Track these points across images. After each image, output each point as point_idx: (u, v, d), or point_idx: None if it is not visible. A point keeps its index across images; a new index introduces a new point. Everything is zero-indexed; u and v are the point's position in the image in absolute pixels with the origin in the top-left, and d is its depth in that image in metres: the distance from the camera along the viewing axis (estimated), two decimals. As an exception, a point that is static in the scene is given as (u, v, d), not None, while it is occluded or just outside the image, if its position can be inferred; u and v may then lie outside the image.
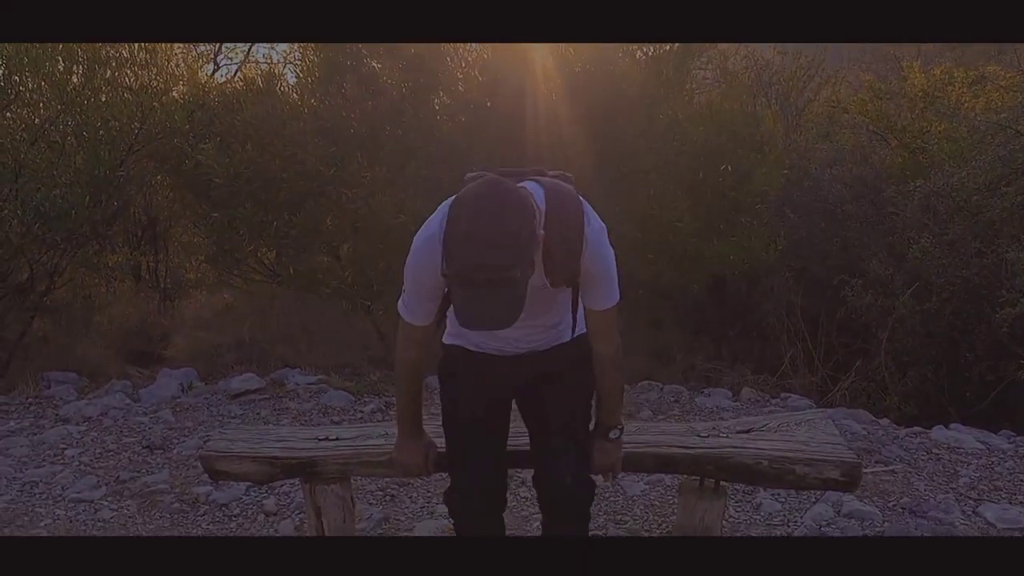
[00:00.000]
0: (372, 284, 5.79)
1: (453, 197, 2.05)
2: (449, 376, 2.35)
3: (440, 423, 2.33)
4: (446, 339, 2.41)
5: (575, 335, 2.35)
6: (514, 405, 2.39)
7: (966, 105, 7.58)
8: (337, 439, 2.49)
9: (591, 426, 2.34)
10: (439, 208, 2.14)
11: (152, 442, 4.14)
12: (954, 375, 5.88)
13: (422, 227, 2.15)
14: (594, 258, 2.12)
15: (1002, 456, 3.96)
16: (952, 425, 4.66)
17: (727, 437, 2.48)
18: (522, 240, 1.82)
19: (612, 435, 2.30)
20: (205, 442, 2.81)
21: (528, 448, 2.33)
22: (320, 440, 2.49)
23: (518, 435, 2.35)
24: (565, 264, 2.10)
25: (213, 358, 6.39)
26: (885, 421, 4.81)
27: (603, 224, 2.16)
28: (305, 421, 4.51)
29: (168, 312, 7.70)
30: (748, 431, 2.53)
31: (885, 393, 5.71)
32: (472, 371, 2.31)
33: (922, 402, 5.82)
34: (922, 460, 3.92)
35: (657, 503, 3.50)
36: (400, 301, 2.25)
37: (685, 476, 2.52)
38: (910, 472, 3.76)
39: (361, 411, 4.66)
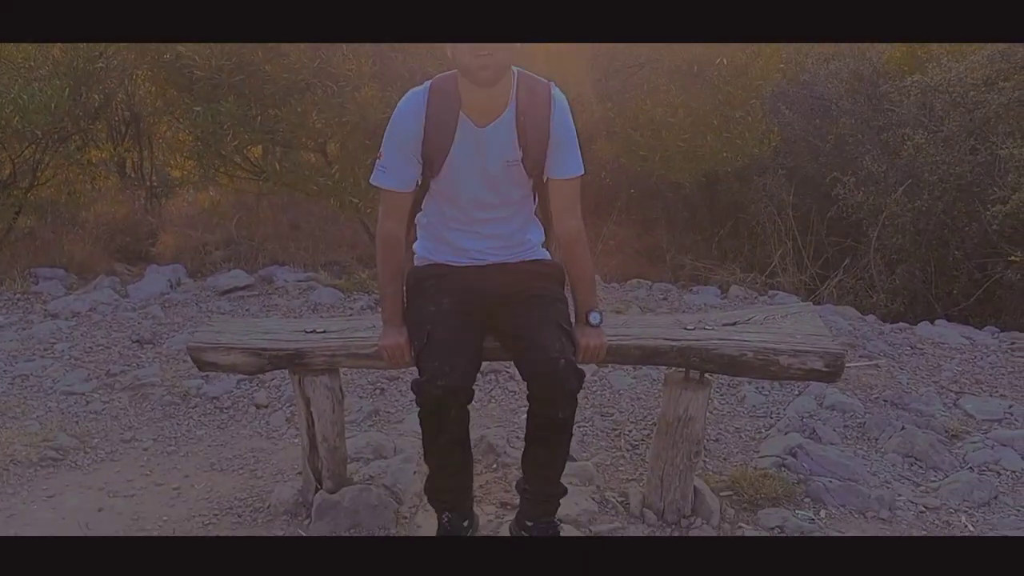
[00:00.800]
0: (360, 181, 5.71)
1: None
2: (418, 285, 2.41)
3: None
4: (416, 261, 2.48)
5: (540, 257, 2.47)
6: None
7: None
8: (325, 331, 2.49)
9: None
10: None
11: (141, 337, 4.15)
12: (942, 273, 5.92)
13: None
14: (561, 123, 2.27)
15: (985, 351, 4.02)
16: (937, 321, 4.71)
17: (713, 329, 2.49)
18: None
19: (593, 319, 2.35)
20: (193, 334, 2.82)
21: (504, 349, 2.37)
22: (308, 332, 2.49)
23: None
24: (536, 126, 2.24)
25: (201, 255, 6.36)
26: (871, 317, 4.86)
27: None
28: (295, 317, 4.52)
29: (155, 209, 7.63)
30: (734, 324, 2.54)
31: (872, 291, 5.75)
32: (442, 280, 2.37)
33: (909, 299, 5.87)
34: (906, 355, 3.97)
35: (643, 396, 3.55)
36: (375, 171, 2.33)
37: (670, 368, 2.53)
38: (893, 366, 3.81)
39: (350, 308, 4.67)
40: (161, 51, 5.70)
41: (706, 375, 2.49)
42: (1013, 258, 4.95)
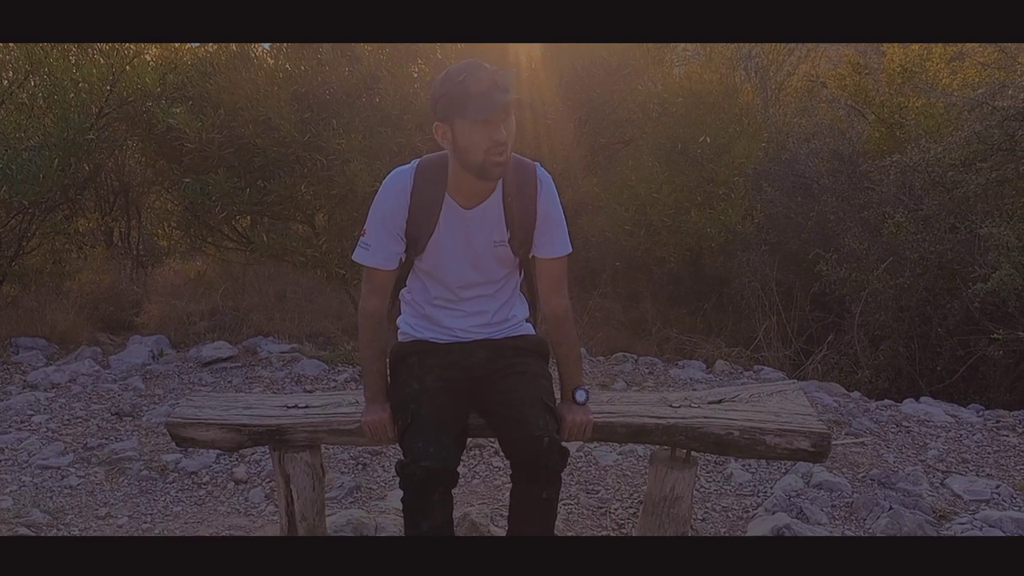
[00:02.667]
0: (347, 253, 5.74)
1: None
2: (402, 361, 2.39)
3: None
4: (400, 337, 2.49)
5: (524, 333, 2.48)
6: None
7: (944, 81, 7.59)
8: (307, 407, 2.46)
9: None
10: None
11: (121, 409, 4.09)
12: (925, 349, 5.94)
13: None
14: (548, 203, 2.30)
15: (970, 429, 4.01)
16: (922, 399, 4.71)
17: (699, 407, 2.48)
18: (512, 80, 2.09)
19: (579, 397, 2.35)
20: (173, 408, 2.78)
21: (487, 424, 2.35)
22: (289, 408, 2.46)
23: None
24: (523, 208, 2.26)
25: (185, 326, 6.32)
26: (856, 394, 4.85)
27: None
28: (277, 389, 4.48)
29: (140, 279, 7.61)
30: (720, 401, 2.53)
31: (857, 367, 5.76)
32: (426, 356, 2.37)
33: (893, 376, 5.87)
34: (892, 432, 3.96)
35: (629, 473, 3.51)
36: (358, 248, 2.33)
37: (656, 446, 2.51)
38: (880, 444, 3.80)
39: (334, 380, 4.64)
40: (153, 124, 5.77)
41: (692, 453, 2.47)
42: (996, 335, 4.98)
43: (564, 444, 2.22)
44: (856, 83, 7.71)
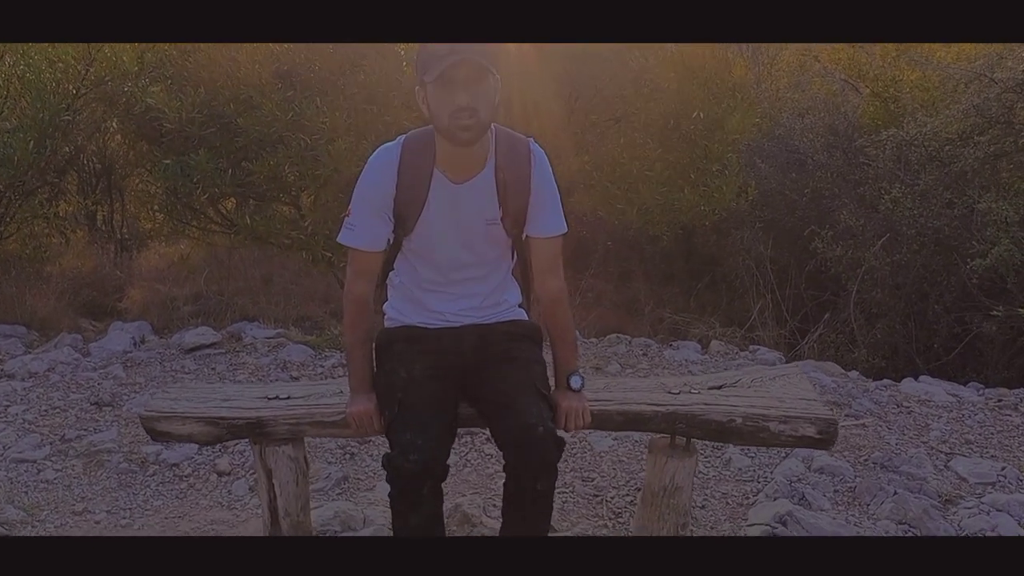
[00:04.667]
0: (333, 235, 5.60)
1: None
2: (388, 348, 2.28)
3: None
4: (386, 323, 2.37)
5: (517, 318, 2.36)
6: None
7: (938, 54, 7.47)
8: (288, 398, 2.35)
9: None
10: None
11: (101, 399, 3.96)
12: (922, 327, 5.85)
13: None
14: (542, 180, 2.19)
15: (972, 409, 3.92)
16: (921, 377, 4.62)
17: (698, 393, 2.37)
18: (497, 54, 2.01)
19: (574, 383, 2.24)
20: (149, 399, 2.66)
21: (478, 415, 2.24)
22: (270, 399, 2.34)
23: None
24: (516, 184, 2.15)
25: (169, 311, 6.18)
26: (854, 373, 4.77)
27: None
28: (262, 376, 4.36)
29: (123, 263, 7.46)
30: (720, 387, 2.43)
31: (853, 345, 5.67)
32: (414, 343, 2.25)
33: (889, 354, 5.79)
34: (892, 413, 3.87)
35: (625, 459, 3.41)
36: (343, 230, 2.22)
37: (655, 434, 2.41)
38: (881, 426, 3.71)
39: (321, 366, 4.52)
40: (131, 104, 5.61)
41: (692, 441, 2.37)
42: (995, 312, 4.89)
43: (560, 433, 2.12)
44: (850, 56, 7.59)
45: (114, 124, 6.74)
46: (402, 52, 6.07)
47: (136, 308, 6.46)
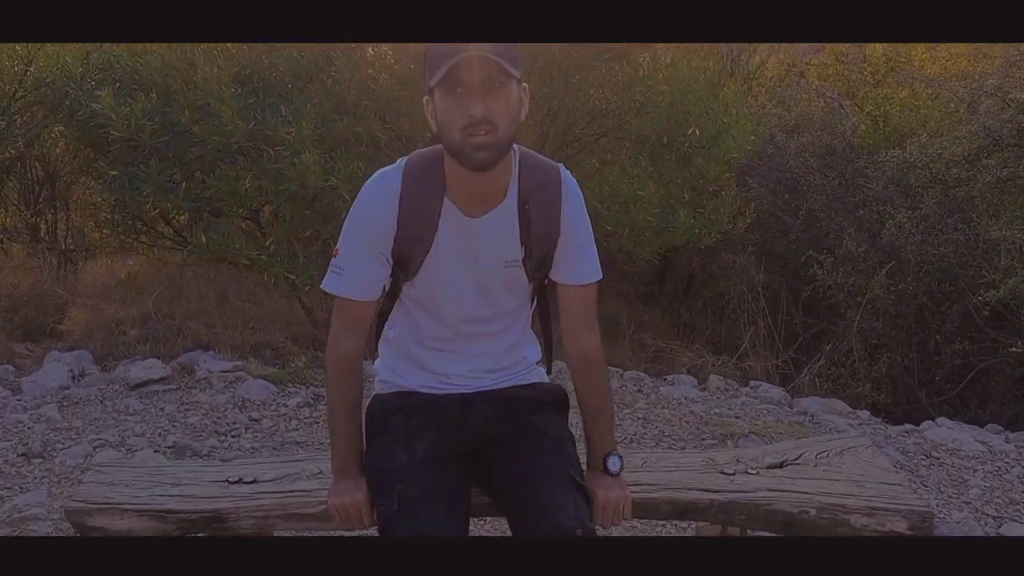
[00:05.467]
0: (298, 255, 5.13)
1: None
2: (382, 420, 1.86)
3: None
4: (378, 386, 1.95)
5: (537, 380, 1.97)
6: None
7: (927, 70, 7.23)
8: (254, 481, 1.89)
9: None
10: None
11: (30, 448, 3.44)
12: (923, 358, 5.55)
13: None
14: (575, 215, 1.82)
15: (1007, 461, 3.59)
16: (939, 420, 4.29)
17: (757, 474, 1.97)
18: (520, 54, 1.64)
19: (612, 466, 1.82)
20: (81, 472, 2.18)
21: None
22: (231, 483, 1.88)
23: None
24: (544, 219, 1.77)
25: (114, 335, 5.64)
26: (865, 413, 4.44)
27: None
28: (217, 417, 3.87)
29: (67, 279, 6.88)
30: (781, 464, 2.03)
31: (854, 378, 5.34)
32: (414, 415, 1.83)
33: (890, 387, 5.47)
34: (923, 466, 3.52)
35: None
36: (330, 274, 1.78)
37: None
38: (915, 481, 3.35)
39: (285, 405, 4.04)
40: (74, 109, 5.09)
41: (749, 532, 1.96)
42: (1014, 348, 4.58)
43: (598, 530, 1.71)
44: (838, 72, 7.32)
45: (56, 130, 6.23)
46: (372, 54, 5.65)
47: (78, 330, 5.91)
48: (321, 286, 1.79)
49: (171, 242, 6.12)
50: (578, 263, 1.83)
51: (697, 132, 5.12)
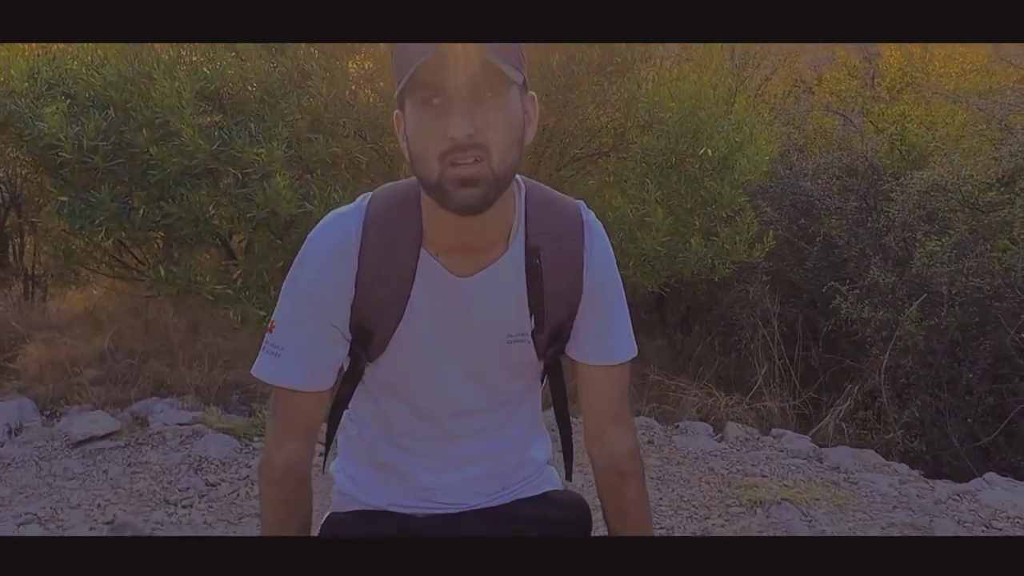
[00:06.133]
0: (269, 287, 4.64)
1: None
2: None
3: None
4: (335, 499, 1.46)
5: (549, 489, 1.50)
6: None
7: (945, 86, 6.82)
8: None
9: None
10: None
11: (-58, 526, 2.92)
12: (954, 397, 5.09)
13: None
14: (602, 269, 1.35)
15: (1080, 530, 3.11)
16: (988, 477, 3.81)
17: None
18: (520, 50, 1.19)
19: None
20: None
21: None
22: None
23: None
24: (560, 276, 1.30)
25: (67, 376, 5.13)
26: (903, 467, 3.97)
27: None
28: (168, 482, 3.36)
29: (31, 310, 6.37)
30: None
31: (883, 422, 4.86)
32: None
33: (920, 430, 5.00)
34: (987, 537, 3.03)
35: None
36: (263, 355, 1.30)
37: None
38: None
39: (247, 466, 3.53)
40: (21, 128, 4.59)
41: None
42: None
43: None
44: (852, 89, 6.89)
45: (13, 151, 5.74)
46: (352, 69, 5.19)
47: (32, 368, 5.40)
48: (252, 371, 1.30)
49: (134, 272, 5.62)
50: (607, 335, 1.36)
51: (709, 152, 4.66)
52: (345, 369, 1.35)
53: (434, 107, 1.10)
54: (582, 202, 1.38)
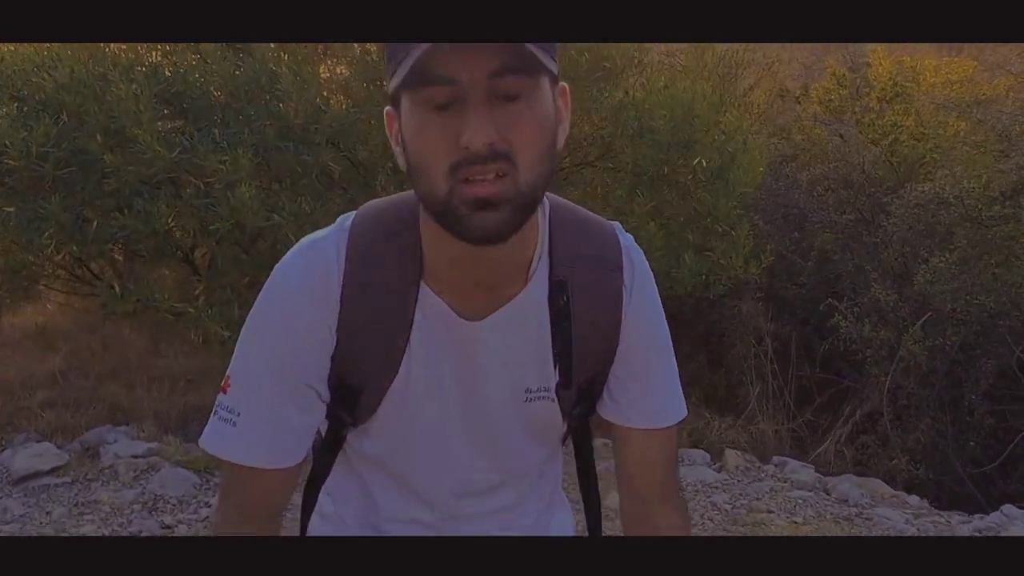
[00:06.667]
0: (233, 304, 4.32)
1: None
2: None
3: None
4: None
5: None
6: None
7: (938, 94, 6.65)
8: None
9: None
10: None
11: None
12: (956, 420, 4.88)
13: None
14: (648, 309, 1.09)
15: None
16: (1006, 509, 3.59)
17: None
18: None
19: None
20: None
21: None
22: None
23: None
24: (592, 319, 1.03)
25: (15, 400, 4.77)
26: (914, 499, 3.73)
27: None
28: (119, 525, 3.03)
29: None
30: None
31: (886, 447, 4.64)
32: None
33: (922, 455, 4.78)
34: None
35: None
36: (214, 421, 1.01)
37: None
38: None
39: (206, 504, 3.21)
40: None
41: None
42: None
43: None
44: (842, 98, 6.70)
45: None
46: (325, 73, 4.91)
47: (-21, 393, 5.03)
48: (201, 443, 1.01)
49: (89, 287, 5.27)
50: (651, 391, 1.08)
51: (704, 163, 4.41)
52: (322, 435, 1.07)
53: (442, 104, 0.82)
54: (618, 224, 1.10)
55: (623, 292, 1.04)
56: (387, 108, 0.92)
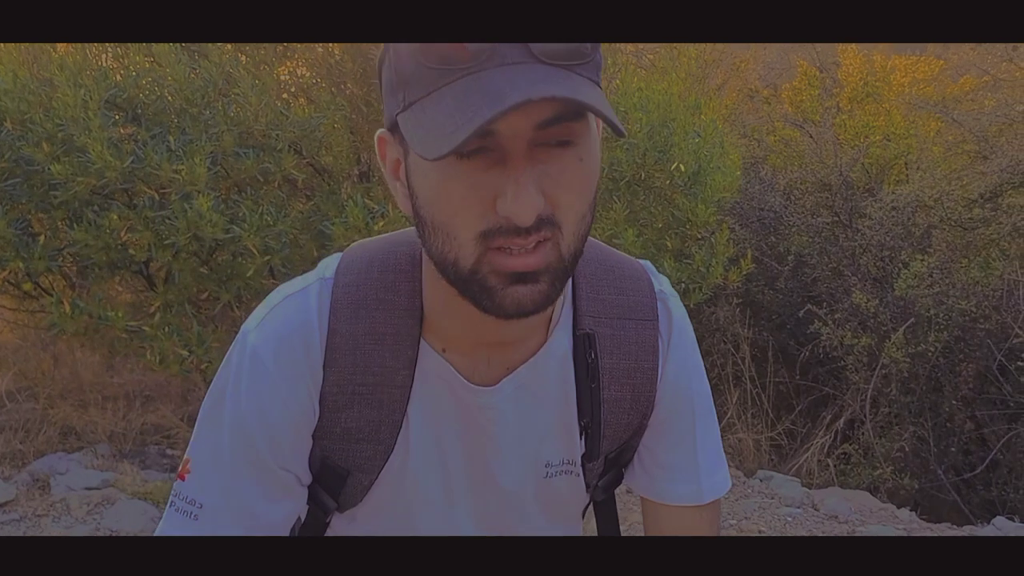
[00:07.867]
0: (192, 323, 4.10)
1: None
2: None
3: None
4: None
5: None
6: None
7: (907, 94, 6.60)
8: None
9: None
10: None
11: None
12: (937, 426, 4.81)
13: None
14: (687, 367, 0.93)
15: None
16: (997, 522, 3.50)
17: None
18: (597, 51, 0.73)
19: None
20: None
21: None
22: None
23: None
24: (622, 381, 0.87)
25: (-41, 425, 4.49)
26: (905, 513, 3.63)
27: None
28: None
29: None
30: None
31: (868, 457, 4.54)
32: None
33: (904, 463, 4.70)
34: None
35: None
36: (171, 513, 0.85)
37: None
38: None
39: (167, 541, 2.99)
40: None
41: None
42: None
43: None
44: (813, 98, 6.63)
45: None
46: (286, 76, 4.71)
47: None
48: (156, 532, 0.83)
49: (37, 303, 5.00)
50: (690, 463, 0.92)
51: (682, 167, 4.28)
52: (302, 521, 0.89)
53: (475, 160, 0.65)
54: (648, 263, 0.94)
55: (659, 345, 0.88)
56: (380, 132, 0.75)
